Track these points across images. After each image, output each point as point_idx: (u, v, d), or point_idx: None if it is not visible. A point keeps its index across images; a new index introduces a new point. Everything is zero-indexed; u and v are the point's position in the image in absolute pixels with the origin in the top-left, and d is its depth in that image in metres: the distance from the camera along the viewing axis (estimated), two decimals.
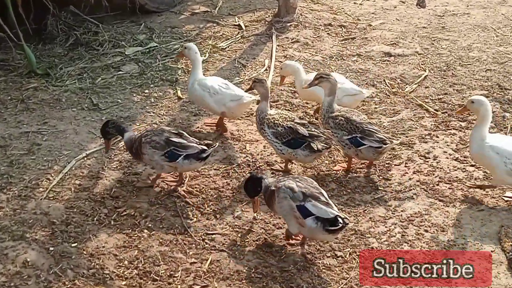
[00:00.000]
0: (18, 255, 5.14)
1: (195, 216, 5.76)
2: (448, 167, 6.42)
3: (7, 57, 8.32)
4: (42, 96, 7.55)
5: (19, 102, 7.42)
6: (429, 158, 6.58)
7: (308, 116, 7.25)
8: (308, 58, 8.50)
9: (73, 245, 5.32)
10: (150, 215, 5.70)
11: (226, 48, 8.84)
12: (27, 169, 6.21)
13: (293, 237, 5.45)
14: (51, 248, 5.26)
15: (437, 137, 6.91)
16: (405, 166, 6.46)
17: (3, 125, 6.91)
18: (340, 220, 5.06)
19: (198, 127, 7.03)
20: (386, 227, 5.68)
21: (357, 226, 5.67)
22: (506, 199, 5.97)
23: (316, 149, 6.10)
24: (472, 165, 6.42)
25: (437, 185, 6.18)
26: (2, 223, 5.48)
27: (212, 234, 5.56)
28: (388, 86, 7.89)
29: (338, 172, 6.38)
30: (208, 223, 5.68)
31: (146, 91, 7.74)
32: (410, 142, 6.81)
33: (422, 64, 8.42)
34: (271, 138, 6.24)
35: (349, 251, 5.41)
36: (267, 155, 6.60)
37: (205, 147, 5.89)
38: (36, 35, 8.75)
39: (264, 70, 8.22)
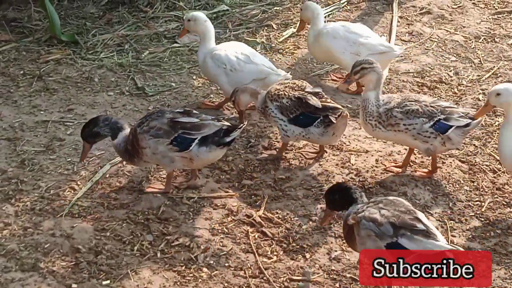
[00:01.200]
0: None
1: (275, 253, 5.75)
2: None
3: (21, 15, 8.53)
4: (67, 73, 7.73)
5: (36, 79, 7.61)
6: None
7: None
8: (444, 38, 8.44)
9: (104, 282, 5.36)
10: (212, 248, 5.72)
11: (325, 18, 8.80)
12: (44, 173, 6.33)
13: None
14: (74, 286, 5.30)
15: None
16: None
17: (13, 109, 7.11)
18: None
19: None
20: None
21: (509, 283, 5.55)
22: None
23: (331, 121, 6.33)
24: None
25: None
26: (8, 246, 5.58)
27: (299, 280, 5.53)
28: None
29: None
30: (293, 265, 5.66)
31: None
32: None
33: None
34: (276, 115, 6.46)
35: None
36: (380, 173, 6.55)
37: (228, 124, 6.01)
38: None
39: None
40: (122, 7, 8.79)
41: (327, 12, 8.92)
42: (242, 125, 6.08)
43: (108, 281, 5.37)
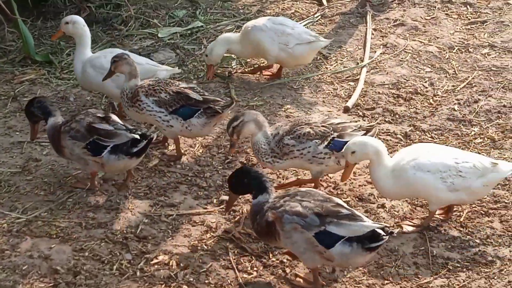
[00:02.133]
0: None
1: (255, 269, 5.72)
2: None
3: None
4: (42, 93, 7.71)
5: (10, 99, 7.62)
6: None
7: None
8: (418, 49, 8.47)
9: None
10: (192, 265, 5.68)
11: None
12: (20, 194, 6.31)
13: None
14: None
15: None
16: None
17: None
18: (381, 231, 5.17)
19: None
20: None
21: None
22: None
23: (216, 111, 6.57)
24: None
25: None
26: None
27: None
28: None
29: None
30: (273, 280, 5.62)
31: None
32: None
33: None
34: (153, 109, 6.60)
35: None
36: (358, 186, 6.55)
37: (137, 137, 6.15)
38: (35, 7, 8.90)
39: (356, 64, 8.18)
40: (96, 26, 8.80)
41: (304, 25, 8.91)
42: (150, 136, 6.25)
43: None
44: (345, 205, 5.34)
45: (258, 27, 7.74)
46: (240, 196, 5.87)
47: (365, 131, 6.22)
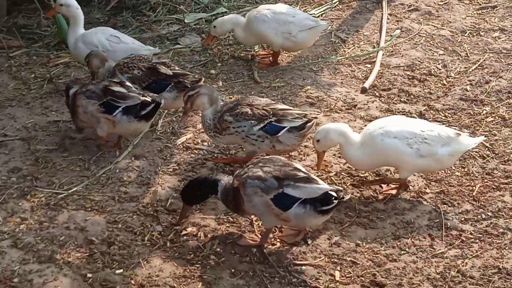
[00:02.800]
0: (46, 282, 5.22)
1: (278, 240, 5.73)
2: None
3: (31, 22, 8.56)
4: (76, 75, 7.75)
5: (46, 81, 7.62)
6: None
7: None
8: (432, 33, 8.43)
9: (117, 271, 5.35)
10: (219, 237, 5.71)
11: (318, 16, 8.81)
12: (57, 170, 6.34)
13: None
14: (89, 275, 5.31)
15: None
16: None
17: (25, 111, 7.12)
18: (334, 195, 5.28)
19: None
20: None
21: (501, 262, 5.55)
22: None
23: (186, 85, 6.63)
24: None
25: None
26: (26, 239, 5.58)
27: (302, 265, 5.51)
28: None
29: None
30: (295, 250, 5.64)
31: (212, 71, 7.83)
32: None
33: None
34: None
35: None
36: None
37: (148, 99, 6.32)
38: None
39: (373, 48, 8.15)
40: (126, 12, 8.81)
41: (320, 12, 8.89)
42: (159, 101, 6.39)
43: (121, 270, 5.37)
44: (303, 169, 5.43)
45: (261, 19, 7.71)
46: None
47: (305, 121, 6.15)
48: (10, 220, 5.78)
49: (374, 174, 6.40)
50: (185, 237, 5.69)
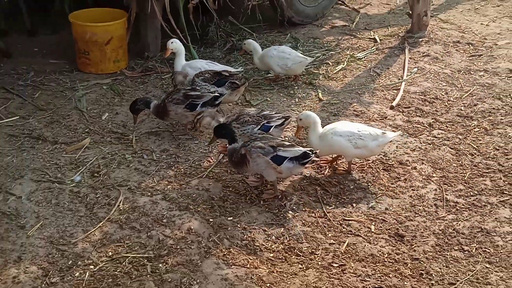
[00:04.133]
0: (184, 223, 5.31)
1: (333, 203, 5.71)
2: None
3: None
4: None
5: None
6: None
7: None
8: (438, 71, 8.24)
9: (229, 218, 5.40)
10: (295, 199, 5.70)
11: (362, 58, 8.72)
12: (191, 152, 6.40)
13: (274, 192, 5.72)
14: (211, 220, 5.37)
15: None
16: None
17: None
18: (310, 153, 5.49)
19: None
20: (511, 229, 5.39)
21: (482, 224, 5.43)
22: None
23: (238, 84, 6.82)
24: None
25: None
26: (171, 195, 5.67)
27: (349, 220, 5.49)
28: None
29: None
30: (345, 211, 5.62)
31: (291, 91, 7.76)
32: None
33: None
34: (201, 84, 6.72)
35: (475, 246, 5.18)
36: (399, 155, 6.44)
37: (217, 95, 6.48)
38: (200, 39, 8.93)
39: (398, 80, 8.04)
40: (236, 52, 8.71)
41: (364, 54, 8.78)
42: (222, 94, 6.57)
43: (231, 218, 5.42)
44: (287, 142, 5.57)
45: (269, 55, 7.66)
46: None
47: (284, 119, 6.12)
48: (161, 182, 5.87)
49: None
50: (272, 199, 5.69)
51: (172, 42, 7.44)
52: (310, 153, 5.53)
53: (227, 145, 5.67)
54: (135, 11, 8.11)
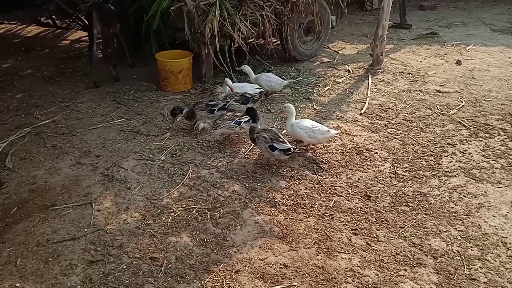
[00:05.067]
0: (230, 187, 5.30)
1: (324, 175, 5.65)
2: (478, 159, 5.89)
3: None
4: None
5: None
6: (466, 153, 6.07)
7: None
8: (390, 91, 8.09)
9: (258, 184, 5.37)
10: (299, 172, 5.64)
11: (341, 82, 8.58)
12: (234, 142, 6.31)
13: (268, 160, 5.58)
14: (247, 185, 5.35)
15: (470, 142, 6.36)
16: (451, 157, 6.01)
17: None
18: (292, 149, 5.31)
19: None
20: (439, 192, 5.29)
21: (420, 189, 5.35)
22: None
23: (257, 99, 6.55)
24: (494, 159, 5.86)
25: (471, 170, 5.70)
26: (221, 169, 5.65)
27: (335, 186, 5.44)
28: (439, 109, 7.35)
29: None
30: (332, 180, 5.57)
31: (296, 103, 7.65)
32: (453, 143, 6.32)
33: (460, 98, 7.77)
34: (235, 105, 6.44)
35: (416, 203, 5.13)
36: (393, 147, 6.32)
37: (225, 103, 6.21)
38: (236, 73, 8.83)
39: (364, 96, 7.91)
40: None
41: (342, 80, 8.62)
42: (228, 102, 6.33)
43: (260, 183, 5.36)
44: (282, 138, 5.37)
45: (260, 78, 7.44)
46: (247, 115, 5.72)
47: (248, 118, 5.84)
48: (215, 161, 5.79)
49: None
50: (285, 171, 5.63)
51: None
52: (292, 149, 5.39)
53: (252, 124, 5.57)
54: (198, 52, 8.05)
